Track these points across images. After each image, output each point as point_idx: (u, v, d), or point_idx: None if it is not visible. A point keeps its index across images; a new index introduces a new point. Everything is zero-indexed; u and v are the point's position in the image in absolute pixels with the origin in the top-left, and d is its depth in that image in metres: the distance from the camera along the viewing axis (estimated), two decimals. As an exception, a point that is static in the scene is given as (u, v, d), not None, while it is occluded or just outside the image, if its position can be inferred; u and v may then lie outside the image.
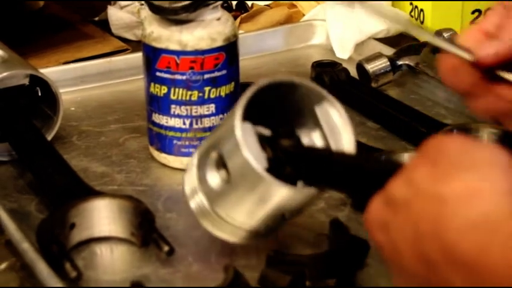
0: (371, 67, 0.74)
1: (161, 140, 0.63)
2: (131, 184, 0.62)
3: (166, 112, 0.62)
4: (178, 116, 0.62)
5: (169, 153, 0.63)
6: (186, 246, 0.54)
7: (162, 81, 0.61)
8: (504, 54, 0.43)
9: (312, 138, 0.48)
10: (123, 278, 0.50)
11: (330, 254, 0.51)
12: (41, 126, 0.65)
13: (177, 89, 0.61)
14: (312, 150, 0.47)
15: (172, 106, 0.62)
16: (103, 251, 0.53)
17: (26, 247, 0.49)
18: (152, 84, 0.62)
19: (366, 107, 0.71)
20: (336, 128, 0.46)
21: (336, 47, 0.82)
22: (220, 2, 0.61)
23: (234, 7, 0.92)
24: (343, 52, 0.81)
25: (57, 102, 0.65)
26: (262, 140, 0.46)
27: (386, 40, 0.83)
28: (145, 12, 0.86)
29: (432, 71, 0.73)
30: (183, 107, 0.62)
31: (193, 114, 0.62)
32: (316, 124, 0.47)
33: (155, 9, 0.60)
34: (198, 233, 0.56)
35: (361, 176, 0.41)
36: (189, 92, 0.61)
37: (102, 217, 0.54)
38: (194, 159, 0.49)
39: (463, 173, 0.34)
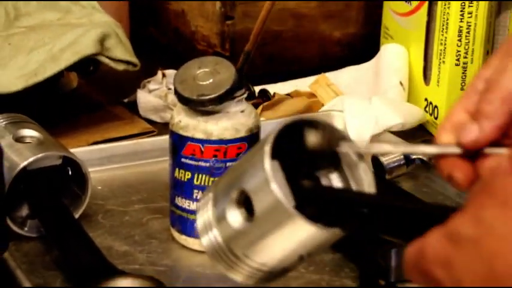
0: (385, 159, 0.78)
1: (182, 223, 0.66)
2: (152, 264, 0.64)
3: (189, 196, 0.65)
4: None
5: (190, 235, 0.66)
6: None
7: (186, 167, 0.65)
8: (484, 138, 0.43)
9: (331, 180, 0.47)
10: None
11: None
12: (70, 204, 0.68)
13: (200, 175, 0.65)
14: (334, 190, 0.46)
15: (195, 191, 0.65)
16: (123, 330, 0.56)
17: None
18: (177, 170, 0.66)
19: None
20: (356, 171, 0.46)
21: (352, 137, 0.85)
22: (245, 96, 0.65)
23: (256, 95, 0.96)
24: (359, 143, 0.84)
25: (86, 183, 0.68)
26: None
27: (401, 134, 0.87)
28: (173, 97, 0.90)
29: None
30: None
31: (215, 199, 0.65)
32: (335, 166, 0.47)
33: (184, 101, 0.64)
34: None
35: (386, 216, 0.41)
36: (212, 179, 0.64)
37: (124, 296, 0.56)
38: (209, 195, 0.47)
39: None
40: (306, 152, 0.47)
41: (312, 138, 0.46)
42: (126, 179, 0.79)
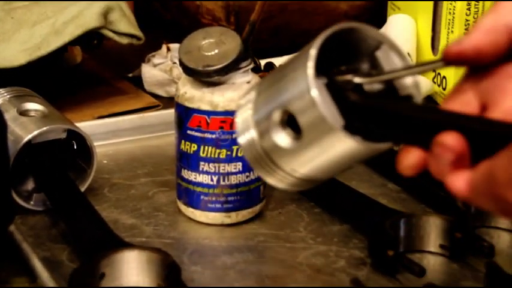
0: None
1: (189, 195, 0.66)
2: (159, 237, 0.64)
3: (195, 168, 0.65)
4: (207, 173, 0.65)
5: (196, 208, 0.66)
6: (210, 299, 0.56)
7: (192, 139, 0.64)
8: (469, 44, 0.41)
9: (372, 85, 0.45)
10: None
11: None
12: (75, 178, 0.68)
13: (206, 147, 0.64)
14: (384, 102, 0.44)
15: (201, 163, 0.65)
16: (130, 301, 0.55)
17: (59, 295, 0.52)
18: (183, 142, 0.65)
19: (387, 169, 0.73)
20: (401, 78, 0.44)
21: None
22: (251, 67, 0.64)
23: (262, 68, 0.95)
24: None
25: (91, 156, 0.68)
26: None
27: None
28: (178, 71, 0.89)
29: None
30: (211, 164, 0.64)
31: (221, 171, 0.65)
32: (375, 69, 0.45)
33: (189, 72, 0.63)
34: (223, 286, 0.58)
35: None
36: (218, 150, 0.64)
37: (131, 268, 0.56)
38: (251, 93, 0.46)
39: None
40: (348, 60, 0.45)
41: (346, 44, 0.45)
42: (131, 152, 0.79)
